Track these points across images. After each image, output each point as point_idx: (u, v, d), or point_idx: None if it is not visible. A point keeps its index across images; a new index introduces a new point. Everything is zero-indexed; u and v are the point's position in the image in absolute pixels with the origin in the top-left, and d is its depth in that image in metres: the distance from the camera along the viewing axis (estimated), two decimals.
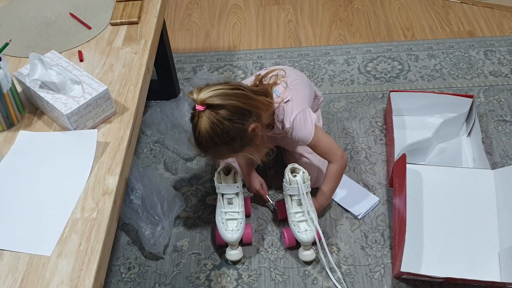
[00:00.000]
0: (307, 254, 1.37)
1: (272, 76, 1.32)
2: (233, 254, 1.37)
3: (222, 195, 1.37)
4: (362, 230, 1.46)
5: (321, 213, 1.49)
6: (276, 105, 1.29)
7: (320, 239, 1.35)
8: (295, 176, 1.34)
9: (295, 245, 1.41)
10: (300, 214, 1.36)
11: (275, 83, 1.30)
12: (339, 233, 1.45)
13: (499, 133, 1.70)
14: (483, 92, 1.85)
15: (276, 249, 1.43)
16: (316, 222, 1.34)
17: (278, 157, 1.65)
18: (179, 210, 1.49)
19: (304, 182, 1.34)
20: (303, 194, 1.33)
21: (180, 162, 1.67)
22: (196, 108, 1.16)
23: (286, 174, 1.36)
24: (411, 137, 1.65)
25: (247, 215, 1.48)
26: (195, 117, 1.17)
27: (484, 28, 2.15)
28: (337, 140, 1.70)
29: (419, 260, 1.34)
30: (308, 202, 1.35)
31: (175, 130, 1.73)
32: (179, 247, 1.44)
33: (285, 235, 1.41)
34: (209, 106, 1.15)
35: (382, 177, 1.59)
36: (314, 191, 1.54)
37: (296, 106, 1.30)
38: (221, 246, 1.43)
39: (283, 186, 1.38)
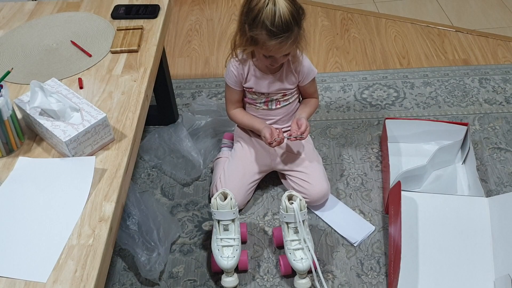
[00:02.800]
0: (302, 283, 1.37)
1: None
2: (228, 281, 1.37)
3: (218, 221, 1.38)
4: (358, 257, 1.46)
5: (317, 239, 1.50)
6: None
7: (316, 268, 1.35)
8: (292, 203, 1.35)
9: (291, 273, 1.41)
10: (296, 242, 1.37)
11: None
12: (335, 260, 1.46)
13: (494, 160, 1.71)
14: (478, 119, 1.87)
15: (272, 276, 1.43)
16: (312, 251, 1.35)
17: (276, 182, 1.67)
18: (175, 236, 1.50)
19: (300, 210, 1.35)
20: (300, 221, 1.34)
21: (177, 187, 1.68)
22: None
23: (283, 201, 1.36)
24: (406, 164, 1.66)
25: (243, 242, 1.48)
26: (268, 2, 1.26)
27: (478, 56, 2.19)
28: (333, 166, 1.72)
29: None
30: (304, 230, 1.36)
31: (173, 155, 1.74)
32: (175, 274, 1.44)
33: (281, 262, 1.41)
34: None
35: (378, 203, 1.60)
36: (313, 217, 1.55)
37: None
38: (216, 273, 1.42)
39: (280, 213, 1.39)
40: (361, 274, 1.42)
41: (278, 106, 1.56)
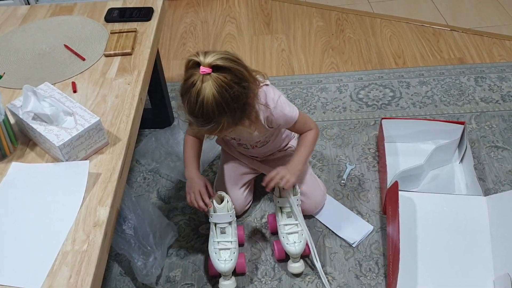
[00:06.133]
0: (295, 266, 1.38)
1: None
2: (226, 284, 1.35)
3: (215, 224, 1.36)
4: (356, 258, 1.45)
5: (315, 241, 1.49)
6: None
7: (309, 253, 1.38)
8: (285, 188, 1.36)
9: (284, 258, 1.43)
10: (290, 226, 1.38)
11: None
12: (333, 261, 1.44)
13: (491, 159, 1.71)
14: (474, 118, 1.87)
15: (270, 279, 1.42)
16: (306, 230, 1.37)
17: None
18: (171, 239, 1.49)
19: (294, 195, 1.37)
20: (294, 205, 1.36)
21: (173, 190, 1.67)
22: (201, 71, 1.05)
23: (276, 187, 1.37)
24: (403, 163, 1.65)
25: (241, 244, 1.47)
26: (195, 83, 1.06)
27: (474, 55, 2.19)
28: (330, 167, 1.71)
29: None
30: (298, 213, 1.37)
31: (170, 158, 1.73)
32: (172, 278, 1.43)
33: (275, 247, 1.43)
34: (215, 69, 1.06)
35: (375, 204, 1.59)
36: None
37: (275, 91, 1.28)
38: (214, 276, 1.41)
39: (274, 198, 1.40)
40: (359, 275, 1.41)
41: (256, 147, 1.45)
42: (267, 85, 1.27)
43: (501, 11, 2.46)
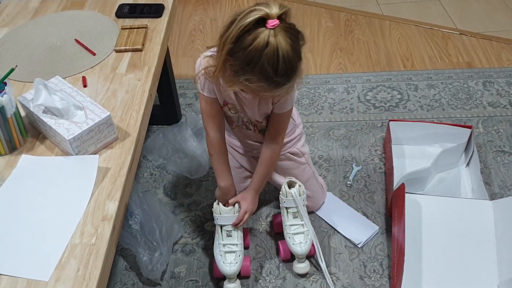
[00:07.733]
0: (301, 267, 1.39)
1: None
2: (231, 287, 1.35)
3: (221, 226, 1.36)
4: (361, 259, 1.45)
5: (320, 241, 1.49)
6: None
7: (314, 253, 1.40)
8: (291, 188, 1.37)
9: (290, 258, 1.43)
10: (296, 226, 1.39)
11: None
12: (338, 262, 1.45)
13: (498, 163, 1.71)
14: (481, 122, 1.87)
15: (274, 277, 1.42)
16: (312, 231, 1.37)
17: None
18: (177, 236, 1.49)
19: (300, 195, 1.37)
20: (300, 206, 1.36)
21: (179, 187, 1.68)
22: (271, 25, 0.97)
23: (283, 187, 1.38)
24: (410, 166, 1.65)
25: (246, 247, 1.47)
26: (268, 42, 0.97)
27: (482, 59, 2.18)
28: (336, 168, 1.71)
29: None
30: (305, 213, 1.38)
31: (177, 155, 1.74)
32: (177, 274, 1.44)
33: (281, 247, 1.43)
34: (280, 20, 0.99)
35: (381, 206, 1.60)
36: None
37: None
38: (218, 279, 1.41)
39: (280, 198, 1.41)
40: (364, 276, 1.41)
41: (257, 130, 1.36)
42: None
43: (511, 16, 2.46)
